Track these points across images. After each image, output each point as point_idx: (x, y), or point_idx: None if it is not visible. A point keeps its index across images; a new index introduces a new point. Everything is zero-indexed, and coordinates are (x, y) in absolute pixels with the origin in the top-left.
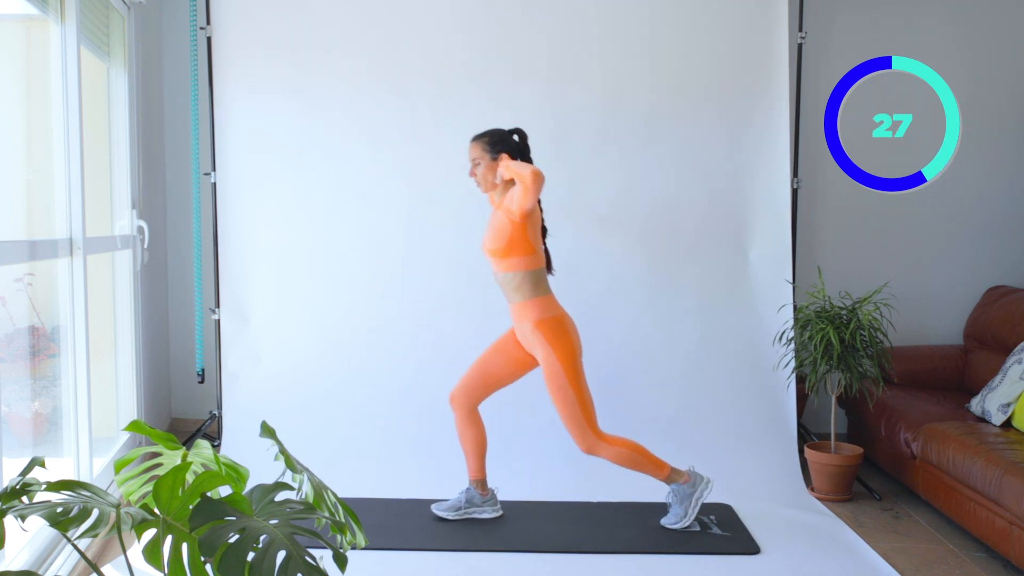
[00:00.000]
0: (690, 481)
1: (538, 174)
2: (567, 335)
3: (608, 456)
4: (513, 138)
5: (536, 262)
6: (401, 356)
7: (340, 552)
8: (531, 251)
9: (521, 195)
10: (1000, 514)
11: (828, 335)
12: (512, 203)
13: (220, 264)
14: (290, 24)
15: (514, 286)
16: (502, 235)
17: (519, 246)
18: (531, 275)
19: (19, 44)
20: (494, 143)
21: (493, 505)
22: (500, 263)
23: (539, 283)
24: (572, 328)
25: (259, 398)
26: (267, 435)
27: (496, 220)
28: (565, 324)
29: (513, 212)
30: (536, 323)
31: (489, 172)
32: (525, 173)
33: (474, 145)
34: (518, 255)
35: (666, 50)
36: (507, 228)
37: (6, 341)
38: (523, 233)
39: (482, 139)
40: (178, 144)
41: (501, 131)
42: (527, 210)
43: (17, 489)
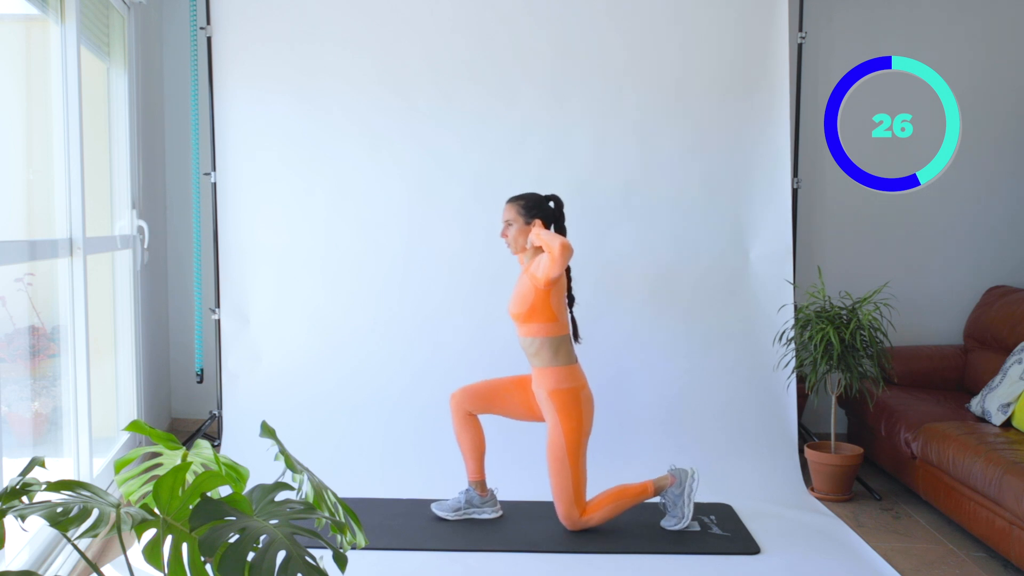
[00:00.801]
0: (676, 481)
1: (566, 247)
2: (578, 410)
3: (594, 523)
4: (549, 204)
5: (557, 329)
6: (401, 356)
7: (340, 552)
8: (552, 318)
9: (548, 265)
10: (1000, 514)
11: (828, 335)
12: (538, 270)
13: (220, 264)
14: (290, 24)
15: (533, 351)
16: (525, 300)
17: (540, 312)
18: (550, 342)
19: (19, 44)
20: (529, 207)
21: (493, 505)
22: (521, 327)
23: (559, 351)
24: (587, 403)
25: (259, 398)
26: (267, 435)
27: (521, 284)
28: (579, 399)
29: (538, 279)
30: (550, 392)
31: (521, 235)
32: (554, 245)
33: (509, 207)
34: (539, 321)
35: (666, 50)
36: (530, 294)
37: (6, 341)
38: (546, 300)
39: (518, 202)
40: (178, 144)
41: (538, 196)
42: (552, 279)
43: (17, 489)
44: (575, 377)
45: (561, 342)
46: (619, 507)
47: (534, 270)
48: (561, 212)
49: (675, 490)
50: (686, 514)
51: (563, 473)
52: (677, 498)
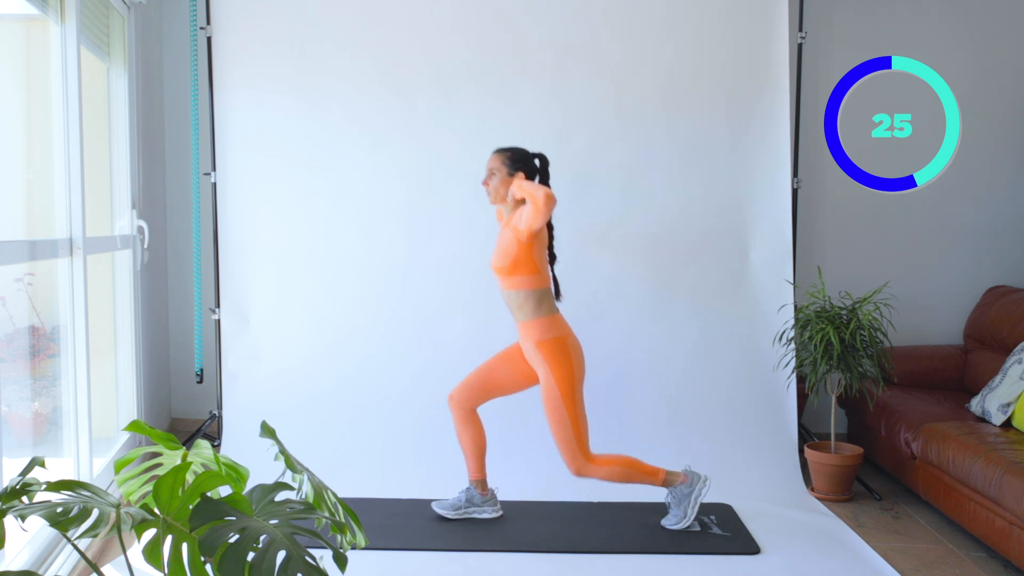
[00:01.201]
0: (687, 481)
1: (550, 196)
2: (568, 358)
3: (599, 476)
4: (535, 161)
5: (540, 282)
6: (401, 356)
7: (340, 552)
8: (535, 271)
9: (531, 215)
10: (1000, 514)
11: (828, 335)
12: (520, 222)
13: (220, 264)
14: (290, 24)
15: (517, 304)
16: (508, 253)
17: (524, 265)
18: (534, 294)
19: (19, 44)
20: (515, 160)
21: (493, 505)
22: (505, 281)
23: (541, 303)
24: (575, 350)
25: (259, 398)
26: (267, 435)
27: (503, 238)
28: (567, 346)
29: (520, 231)
30: (538, 343)
31: (502, 186)
32: (538, 195)
33: (495, 156)
34: (522, 274)
35: (666, 50)
36: (513, 247)
37: (6, 341)
38: (529, 253)
39: (504, 153)
40: (178, 144)
41: (525, 151)
42: (534, 231)
43: (17, 489)
44: (560, 326)
45: (544, 294)
46: (626, 474)
47: (516, 222)
48: (547, 170)
49: (684, 489)
50: (688, 515)
51: (562, 422)
52: (684, 498)
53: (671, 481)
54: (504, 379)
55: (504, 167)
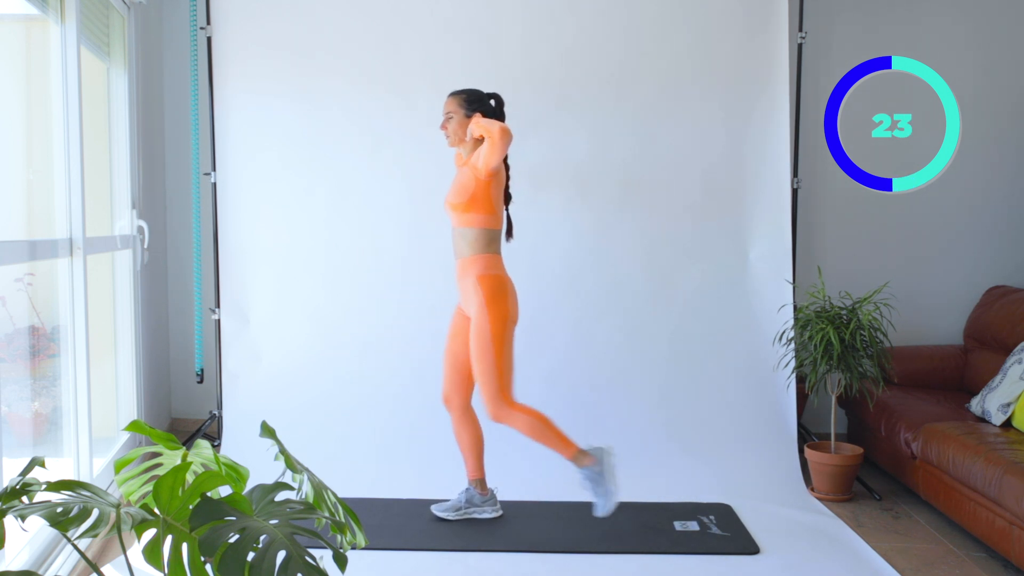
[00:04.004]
0: (595, 460)
1: (506, 130)
2: (504, 297)
3: (516, 425)
4: (490, 102)
5: (493, 222)
6: (401, 356)
7: (340, 552)
8: (491, 210)
9: (488, 150)
10: (1000, 514)
11: (828, 335)
12: (479, 160)
13: (220, 264)
14: (290, 24)
15: (468, 240)
16: (465, 190)
17: (480, 203)
18: (486, 232)
19: (19, 44)
20: (471, 101)
21: (493, 505)
22: (459, 217)
23: (491, 242)
24: (512, 293)
25: (259, 398)
26: (267, 435)
27: (461, 176)
28: (506, 286)
29: (479, 169)
30: (479, 277)
31: (460, 128)
32: (494, 129)
33: (450, 100)
34: (478, 212)
35: (666, 50)
36: (471, 184)
37: (6, 341)
38: (487, 191)
39: (459, 95)
40: (178, 144)
41: (479, 91)
42: (492, 167)
43: (17, 489)
44: (500, 266)
45: (495, 235)
46: (539, 431)
47: (475, 160)
48: (501, 110)
49: (595, 469)
50: (611, 490)
51: (487, 360)
52: (599, 477)
53: (581, 460)
54: (465, 352)
55: (461, 109)
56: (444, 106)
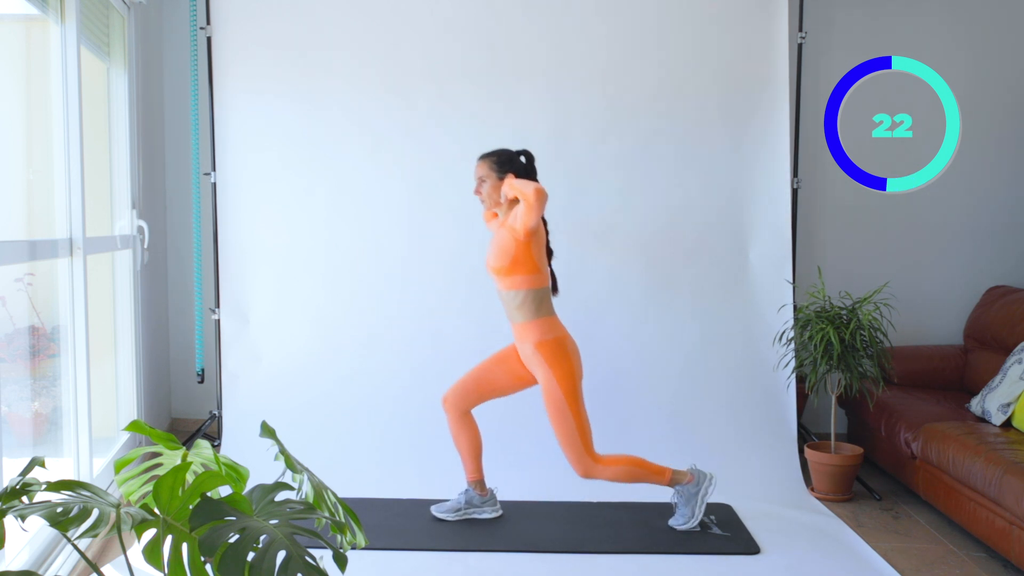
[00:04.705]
0: (694, 480)
1: (541, 191)
2: (567, 358)
3: (607, 477)
4: (520, 159)
5: (539, 281)
6: (401, 356)
7: (340, 552)
8: (535, 270)
9: (524, 212)
10: (1000, 514)
11: (828, 335)
12: (516, 221)
13: (220, 264)
14: (290, 24)
15: (516, 305)
16: (506, 253)
17: (522, 264)
18: (534, 294)
19: (19, 44)
20: (501, 163)
21: (493, 505)
22: (503, 281)
23: (542, 303)
24: (573, 350)
25: (259, 398)
26: (267, 435)
27: (500, 238)
28: (566, 346)
29: (517, 230)
30: (537, 344)
31: (494, 191)
32: (528, 191)
33: (481, 163)
34: (521, 273)
35: (666, 50)
36: (511, 246)
37: (6, 341)
38: (527, 251)
39: (489, 158)
40: (178, 144)
41: (509, 151)
42: (530, 228)
43: (17, 489)
44: (558, 327)
45: (544, 294)
46: (633, 474)
47: (512, 222)
48: (533, 166)
49: (691, 489)
50: (695, 514)
51: (566, 423)
52: (691, 497)
53: (678, 480)
54: (498, 381)
55: (492, 172)
56: (475, 170)
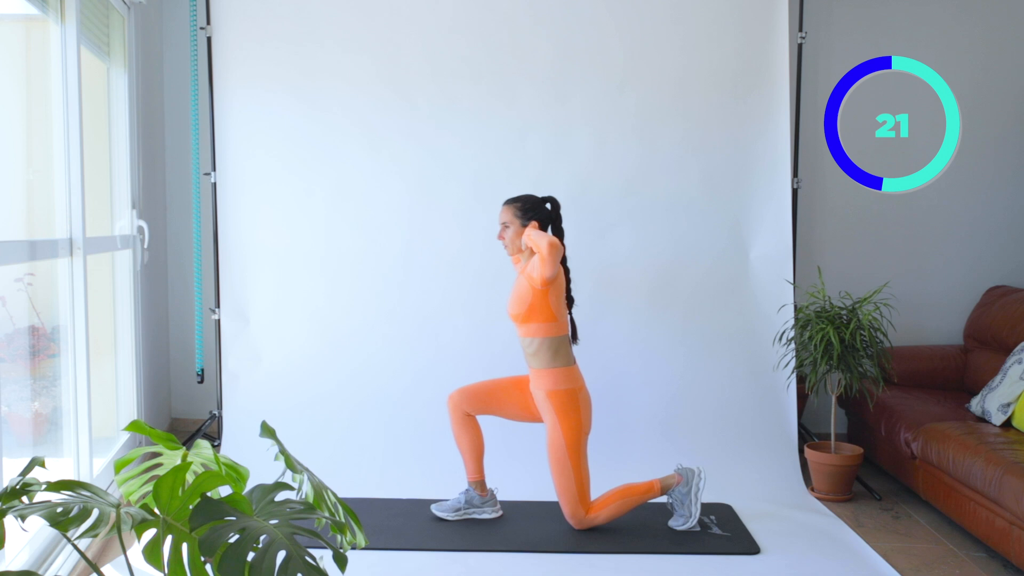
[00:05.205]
0: (683, 480)
1: (555, 245)
2: (577, 412)
3: (601, 521)
4: (546, 206)
5: (556, 329)
6: (401, 356)
7: (340, 552)
8: (551, 318)
9: (539, 265)
10: (1000, 514)
11: (828, 335)
12: (534, 271)
13: (220, 264)
14: (290, 24)
15: (532, 351)
16: (523, 301)
17: (539, 312)
18: (549, 342)
19: (19, 44)
20: (526, 210)
21: (493, 505)
22: (520, 328)
23: (558, 352)
24: (585, 403)
25: (259, 398)
26: (267, 435)
27: (519, 285)
28: (577, 400)
29: (534, 280)
30: (549, 393)
31: (517, 237)
32: (542, 244)
33: (505, 209)
34: (537, 321)
35: (666, 50)
36: (528, 294)
37: (6, 341)
38: (544, 300)
39: (515, 204)
40: (178, 144)
41: (535, 198)
42: (547, 278)
43: (17, 489)
44: (573, 378)
45: (560, 343)
46: (625, 505)
47: (530, 271)
48: (558, 213)
49: (682, 489)
50: (693, 513)
51: (566, 473)
52: (684, 497)
53: (668, 486)
54: (507, 405)
55: (517, 219)
56: (499, 215)
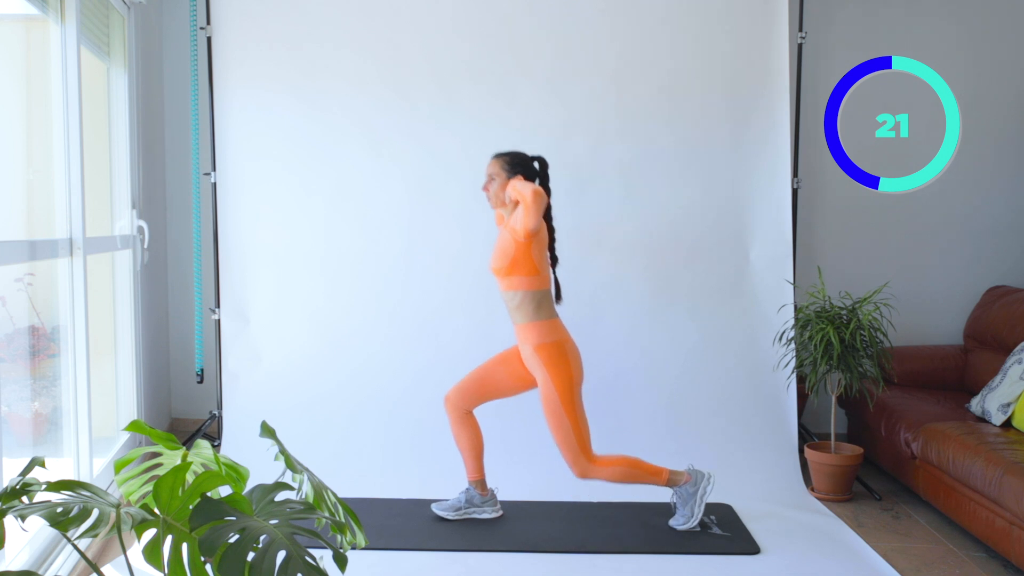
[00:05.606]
0: (691, 480)
1: (538, 192)
2: (566, 362)
3: (603, 477)
4: (534, 164)
5: (539, 283)
6: (401, 355)
7: (340, 552)
8: (534, 272)
9: (522, 214)
10: (1000, 514)
11: (828, 335)
12: (516, 222)
13: (220, 264)
14: (290, 24)
15: (515, 305)
16: (506, 254)
17: (522, 265)
18: (532, 296)
19: (19, 44)
20: (513, 164)
21: (493, 505)
22: (503, 282)
23: (542, 305)
24: (573, 354)
25: (259, 398)
26: (267, 435)
27: (502, 239)
28: (565, 350)
29: (517, 232)
30: (536, 347)
31: (502, 190)
32: (526, 192)
33: (494, 162)
34: (520, 274)
35: (666, 50)
36: (511, 247)
37: (6, 341)
38: (527, 253)
39: (503, 157)
40: (178, 144)
41: (524, 155)
42: (530, 229)
43: (17, 489)
44: (558, 330)
45: (543, 297)
46: (630, 475)
47: (513, 223)
48: (546, 173)
49: (688, 488)
50: (695, 514)
51: (563, 426)
52: (689, 497)
53: (675, 481)
54: (501, 382)
55: (503, 172)
56: (487, 167)
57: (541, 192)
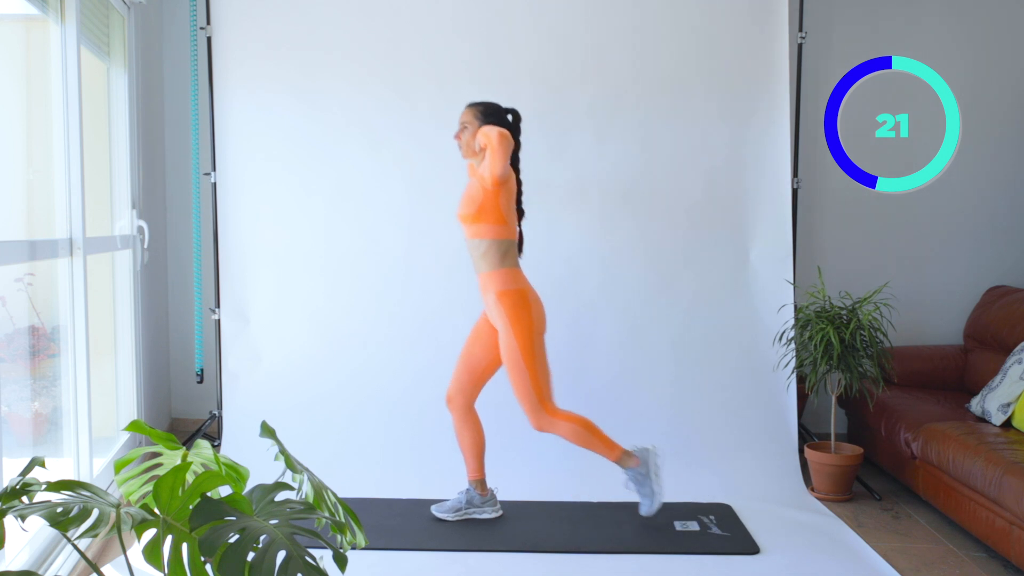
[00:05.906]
0: (640, 462)
1: (504, 135)
2: (527, 310)
3: (560, 432)
4: (507, 117)
5: (505, 233)
6: (401, 356)
7: (340, 552)
8: (501, 221)
9: (490, 158)
10: (1000, 514)
11: (828, 335)
12: (484, 169)
13: (220, 264)
14: (290, 24)
15: (480, 253)
16: (473, 201)
17: (489, 213)
18: (498, 244)
19: (19, 44)
20: (487, 114)
21: (493, 505)
22: (469, 228)
23: (506, 255)
24: (535, 303)
25: (259, 398)
26: (267, 435)
27: (470, 187)
28: (527, 298)
29: (485, 178)
30: (499, 294)
31: (473, 139)
32: (492, 135)
33: (467, 111)
34: (487, 222)
35: (666, 50)
36: (479, 195)
37: (6, 341)
38: (495, 201)
39: (476, 107)
40: (178, 144)
41: (497, 105)
42: (497, 174)
43: (17, 489)
44: (521, 279)
45: (508, 246)
46: (585, 438)
47: (482, 170)
48: (518, 126)
49: (641, 471)
50: (655, 491)
51: (522, 375)
52: (644, 478)
53: (626, 461)
54: (483, 357)
55: (475, 120)
56: (460, 117)
57: (507, 135)
